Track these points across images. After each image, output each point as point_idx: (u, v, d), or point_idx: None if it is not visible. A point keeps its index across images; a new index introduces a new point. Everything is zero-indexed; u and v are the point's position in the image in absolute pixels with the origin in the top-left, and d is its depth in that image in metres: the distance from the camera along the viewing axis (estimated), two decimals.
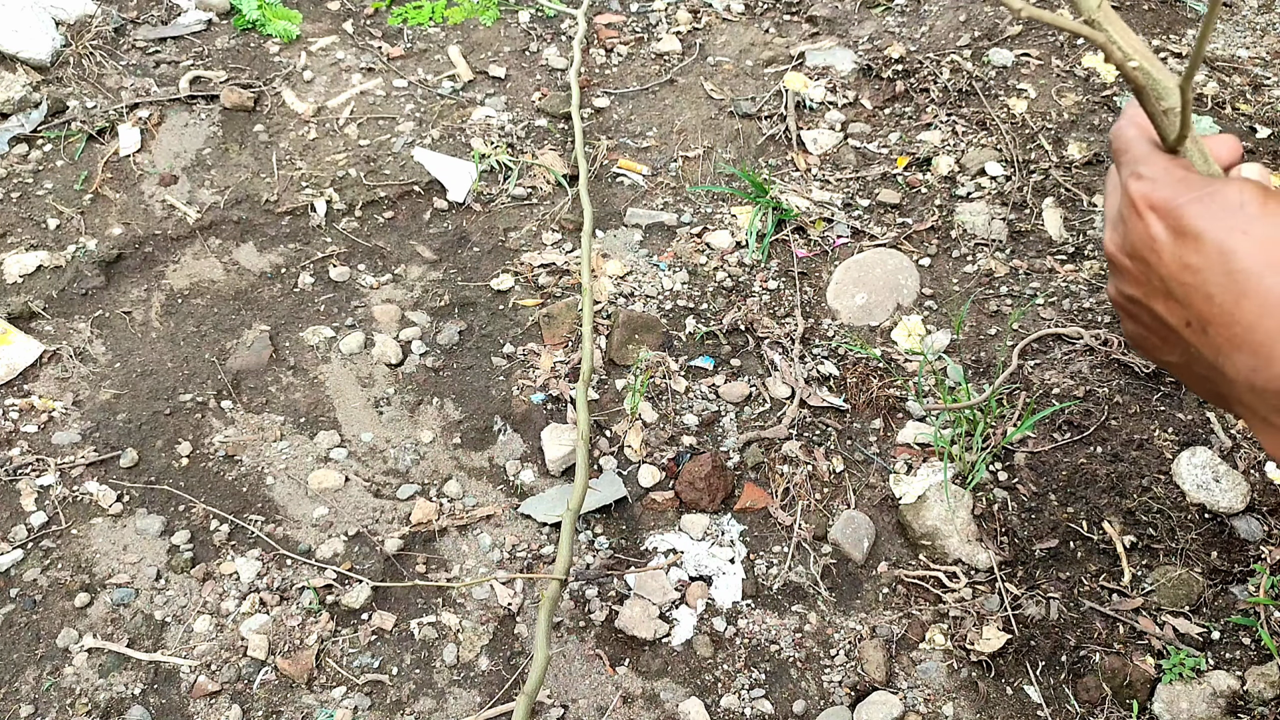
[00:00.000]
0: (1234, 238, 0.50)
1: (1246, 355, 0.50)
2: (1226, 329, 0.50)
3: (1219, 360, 0.52)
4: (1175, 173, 0.55)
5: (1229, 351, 0.50)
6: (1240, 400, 0.52)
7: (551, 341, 2.01)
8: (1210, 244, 0.51)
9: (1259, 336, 0.49)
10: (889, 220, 2.24)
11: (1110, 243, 0.58)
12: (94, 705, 1.52)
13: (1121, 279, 0.57)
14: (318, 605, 1.63)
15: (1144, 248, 0.54)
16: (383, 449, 1.86)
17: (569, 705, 1.53)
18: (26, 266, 2.11)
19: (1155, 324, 0.56)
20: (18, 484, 1.77)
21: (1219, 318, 0.51)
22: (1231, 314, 0.50)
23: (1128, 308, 0.58)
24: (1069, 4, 1.72)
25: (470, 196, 2.30)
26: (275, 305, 2.10)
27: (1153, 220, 0.54)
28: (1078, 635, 1.58)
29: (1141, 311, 0.57)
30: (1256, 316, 0.49)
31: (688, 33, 2.76)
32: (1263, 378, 0.49)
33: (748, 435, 1.85)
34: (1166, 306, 0.54)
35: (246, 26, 2.71)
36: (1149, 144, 0.58)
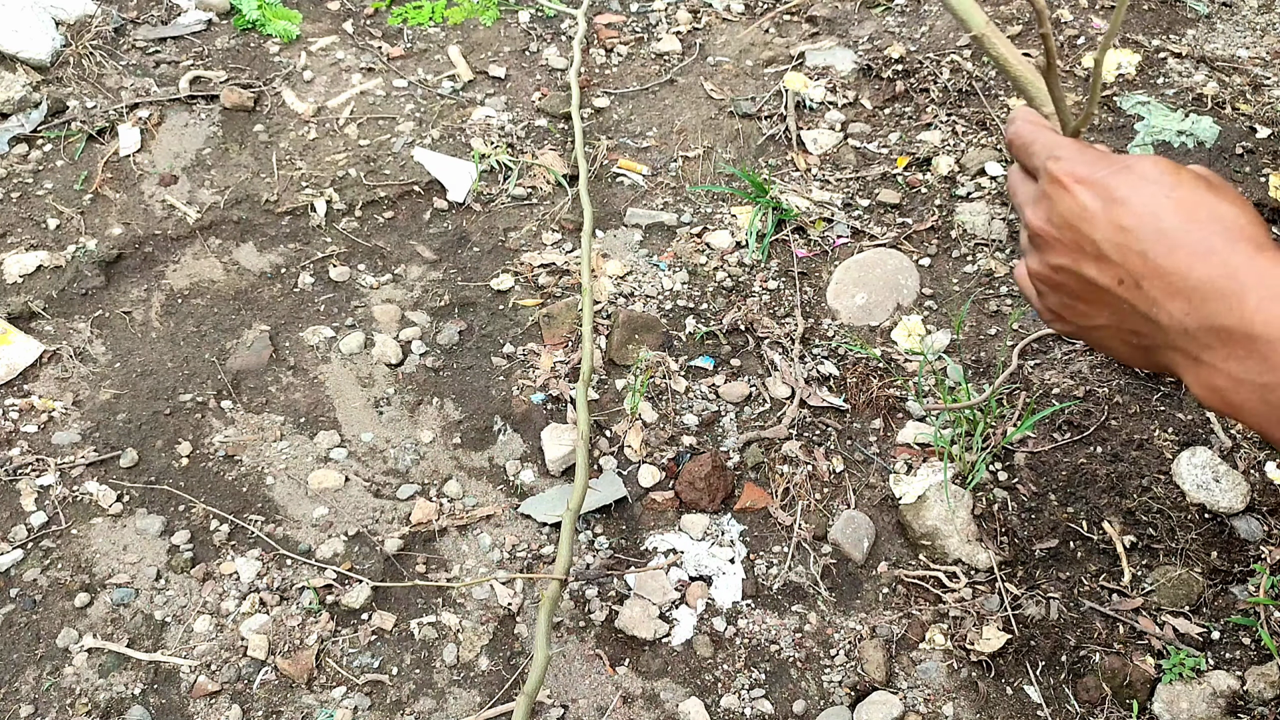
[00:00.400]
0: (1159, 200, 0.58)
1: (1180, 301, 0.56)
2: (1162, 279, 0.57)
3: (1153, 311, 0.58)
4: (1089, 152, 0.63)
5: (1164, 300, 0.57)
6: (1172, 345, 0.58)
7: (551, 341, 2.01)
8: (1139, 207, 0.58)
9: (1192, 282, 0.56)
10: (889, 220, 2.24)
11: (1036, 219, 0.64)
12: (94, 705, 1.52)
13: (1050, 251, 0.63)
14: (318, 605, 1.63)
15: (1075, 217, 0.61)
16: (383, 449, 1.86)
17: (569, 705, 1.54)
18: (26, 266, 2.11)
19: (1085, 289, 0.62)
20: (18, 484, 1.77)
21: (1153, 271, 0.57)
22: (1165, 265, 0.57)
23: (1053, 279, 0.64)
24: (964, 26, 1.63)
25: (470, 196, 2.30)
26: (275, 305, 2.10)
27: (1081, 191, 0.61)
28: (1078, 635, 1.58)
29: (1070, 279, 0.63)
30: (1188, 266, 0.56)
31: (688, 33, 2.76)
32: (1195, 318, 0.56)
33: (748, 435, 1.85)
34: (1099, 268, 0.60)
35: (246, 26, 2.71)
36: (1052, 133, 0.67)
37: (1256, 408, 0.55)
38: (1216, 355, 0.56)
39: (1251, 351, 0.54)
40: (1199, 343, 0.56)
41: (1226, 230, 0.57)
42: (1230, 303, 0.54)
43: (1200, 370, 0.57)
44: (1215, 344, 0.55)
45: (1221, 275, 0.55)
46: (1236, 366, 0.55)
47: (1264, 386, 0.54)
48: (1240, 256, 0.55)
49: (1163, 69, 2.54)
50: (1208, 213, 0.57)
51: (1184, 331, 0.57)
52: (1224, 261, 0.55)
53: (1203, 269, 0.56)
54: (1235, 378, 0.55)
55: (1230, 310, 0.54)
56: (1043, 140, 0.66)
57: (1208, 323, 0.55)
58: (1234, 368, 0.55)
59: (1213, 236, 0.56)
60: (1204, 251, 0.56)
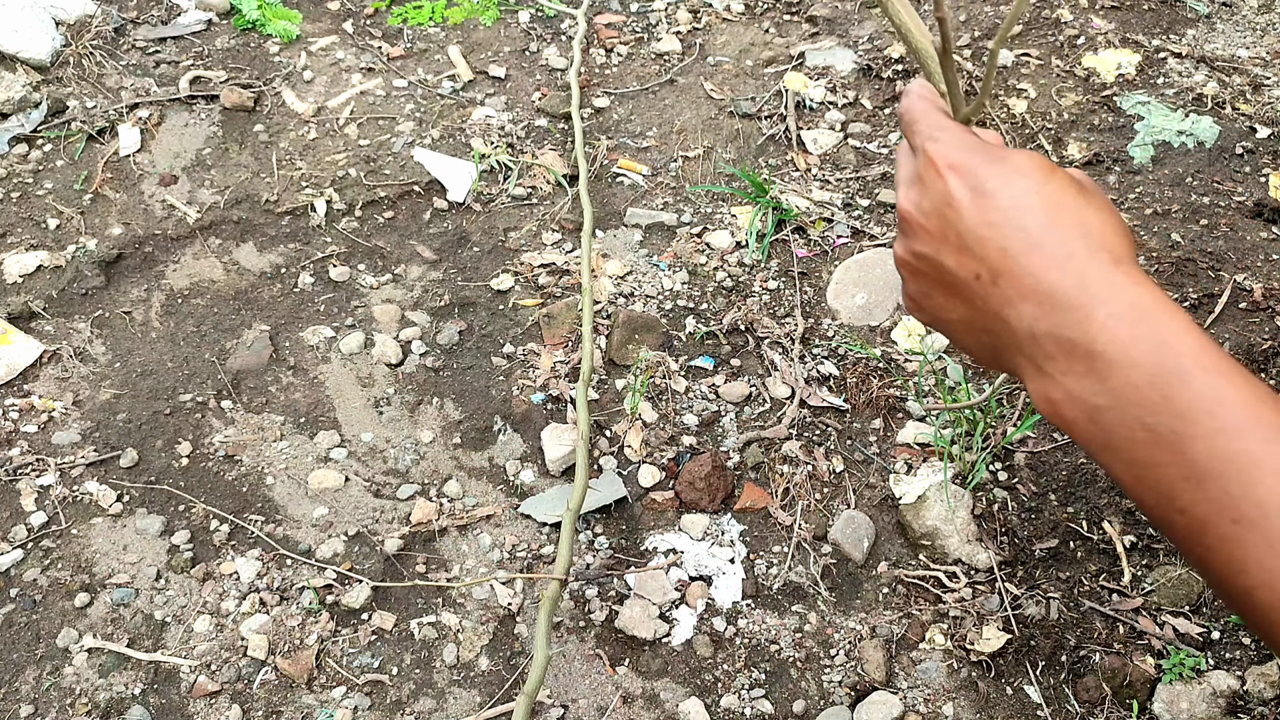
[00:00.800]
0: (1027, 197, 0.56)
1: (1032, 304, 0.55)
2: (1017, 280, 0.55)
3: (1005, 310, 0.56)
4: (969, 139, 0.61)
5: (1017, 301, 0.55)
6: (1020, 349, 0.57)
7: (551, 341, 2.01)
8: (1006, 201, 0.56)
9: (1045, 286, 0.54)
10: (889, 220, 2.24)
11: (906, 201, 0.62)
12: (94, 705, 1.52)
13: (915, 237, 0.61)
14: (318, 605, 1.63)
15: (943, 204, 0.59)
16: (383, 449, 1.86)
17: (569, 705, 1.53)
18: (26, 266, 2.11)
19: (943, 279, 0.60)
20: (18, 484, 1.77)
21: (1011, 269, 0.55)
22: (1023, 265, 0.55)
23: (916, 265, 0.62)
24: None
25: (470, 196, 2.30)
26: (275, 305, 2.10)
27: (952, 179, 0.58)
28: (1078, 635, 1.58)
29: (930, 268, 0.61)
30: (1043, 269, 0.54)
31: (688, 33, 2.76)
32: (1043, 325, 0.54)
33: (748, 435, 1.85)
34: (959, 260, 0.58)
35: (246, 26, 2.71)
36: (940, 114, 0.64)
37: (1085, 428, 0.53)
38: (1057, 366, 0.54)
39: (1090, 369, 0.52)
40: (1043, 351, 0.55)
41: (1088, 236, 0.55)
42: (1078, 315, 0.53)
43: (1040, 380, 0.55)
44: (1058, 355, 0.54)
45: (1074, 285, 0.53)
46: (1073, 382, 0.53)
47: (1094, 408, 0.53)
48: (1096, 268, 0.54)
49: (1163, 69, 2.54)
50: (1073, 217, 0.56)
51: (1031, 336, 0.55)
52: (1079, 270, 0.54)
53: (1056, 274, 0.54)
54: (1070, 393, 0.53)
55: (1076, 323, 0.53)
56: (928, 120, 0.63)
57: (1053, 332, 0.54)
58: (1071, 383, 0.53)
59: (1073, 241, 0.55)
60: (1062, 257, 0.54)
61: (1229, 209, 2.21)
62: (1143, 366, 0.51)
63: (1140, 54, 2.57)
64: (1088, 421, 0.53)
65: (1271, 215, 2.18)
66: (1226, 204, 2.22)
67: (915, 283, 0.62)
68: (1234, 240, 2.14)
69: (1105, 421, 0.52)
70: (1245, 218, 2.19)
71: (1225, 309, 2.01)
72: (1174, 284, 2.06)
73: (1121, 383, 0.52)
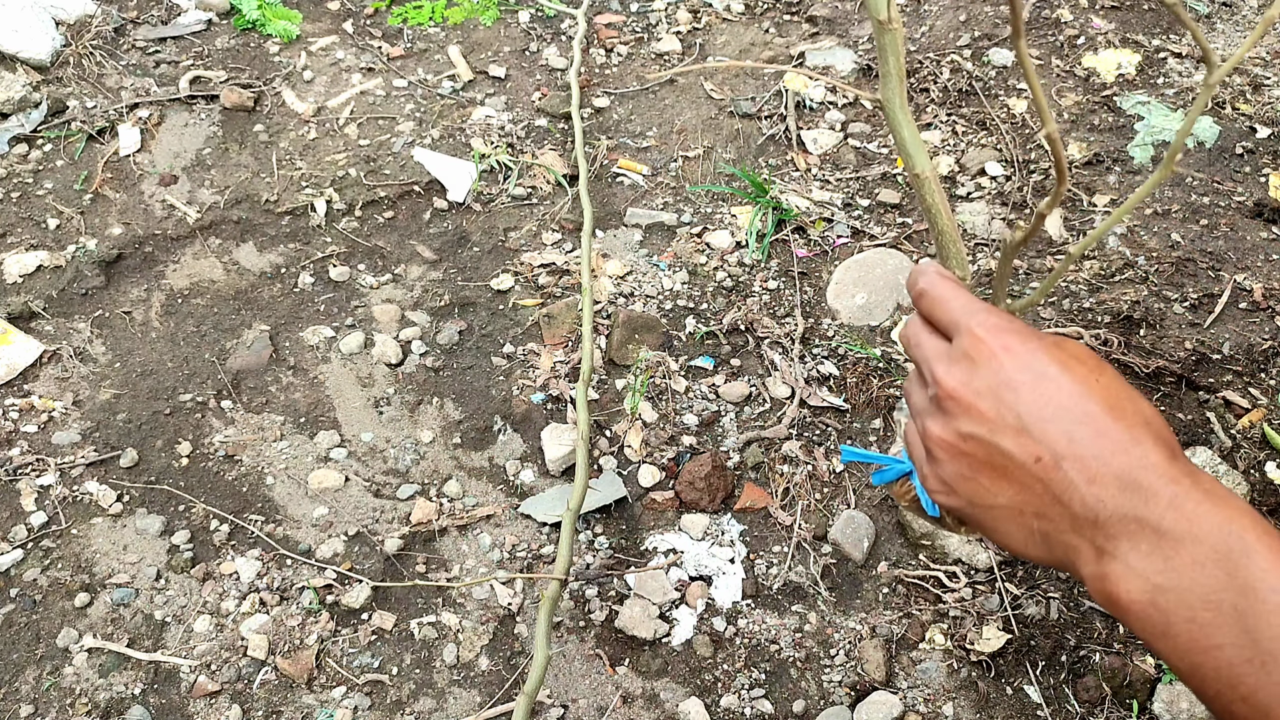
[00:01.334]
0: (1089, 384, 0.57)
1: (1099, 487, 0.55)
2: (1083, 463, 0.56)
3: (1067, 494, 0.56)
4: (1015, 320, 0.61)
5: (1082, 485, 0.56)
6: (1079, 532, 0.57)
7: (551, 341, 2.01)
8: (1069, 387, 0.57)
9: (1113, 470, 0.55)
10: (889, 220, 2.24)
11: (953, 380, 0.61)
12: (94, 705, 1.52)
13: (961, 418, 0.60)
14: (318, 605, 1.63)
15: (1001, 386, 0.59)
16: (383, 449, 1.86)
17: (569, 705, 1.53)
18: (26, 266, 2.11)
19: (994, 462, 0.60)
20: (18, 484, 1.77)
21: (1077, 454, 0.56)
22: (1089, 451, 0.56)
23: (959, 447, 0.61)
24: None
25: (470, 196, 2.30)
26: (275, 305, 2.10)
27: (1008, 360, 0.59)
28: (1078, 635, 1.58)
29: (980, 450, 0.60)
30: (1110, 453, 0.55)
31: (688, 33, 2.76)
32: (1110, 508, 0.55)
33: (748, 435, 1.85)
34: (1018, 442, 0.58)
35: (246, 26, 2.71)
36: (971, 294, 0.64)
37: (1144, 610, 0.53)
38: (1120, 547, 0.54)
39: (1155, 547, 0.53)
40: (1106, 533, 0.55)
41: (1148, 425, 0.57)
42: (1145, 496, 0.54)
43: (1100, 562, 0.55)
44: (1122, 535, 0.54)
45: (1142, 467, 0.55)
46: (1137, 560, 0.53)
47: (1156, 587, 0.53)
48: (1159, 454, 0.55)
49: (1163, 69, 2.54)
50: (1133, 407, 0.57)
51: (1094, 520, 0.55)
52: (1144, 455, 0.55)
53: (1123, 459, 0.55)
54: (1134, 571, 0.54)
55: (1145, 503, 0.54)
56: (964, 298, 0.63)
57: (1120, 512, 0.54)
58: (1134, 561, 0.54)
59: (1136, 429, 0.56)
60: (1128, 442, 0.55)
61: (1229, 209, 2.21)
62: (1207, 543, 0.51)
63: (1140, 54, 2.57)
64: (1148, 603, 0.53)
65: (1271, 215, 2.18)
66: (1226, 204, 2.22)
67: (957, 464, 0.61)
68: (1234, 240, 2.14)
69: (1166, 603, 0.52)
70: (1245, 218, 2.19)
71: (1225, 309, 2.01)
72: (1174, 284, 2.06)
73: (1187, 560, 0.52)
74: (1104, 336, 1.93)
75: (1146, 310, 2.00)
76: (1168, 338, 1.96)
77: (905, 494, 0.75)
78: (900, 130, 0.74)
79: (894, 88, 0.73)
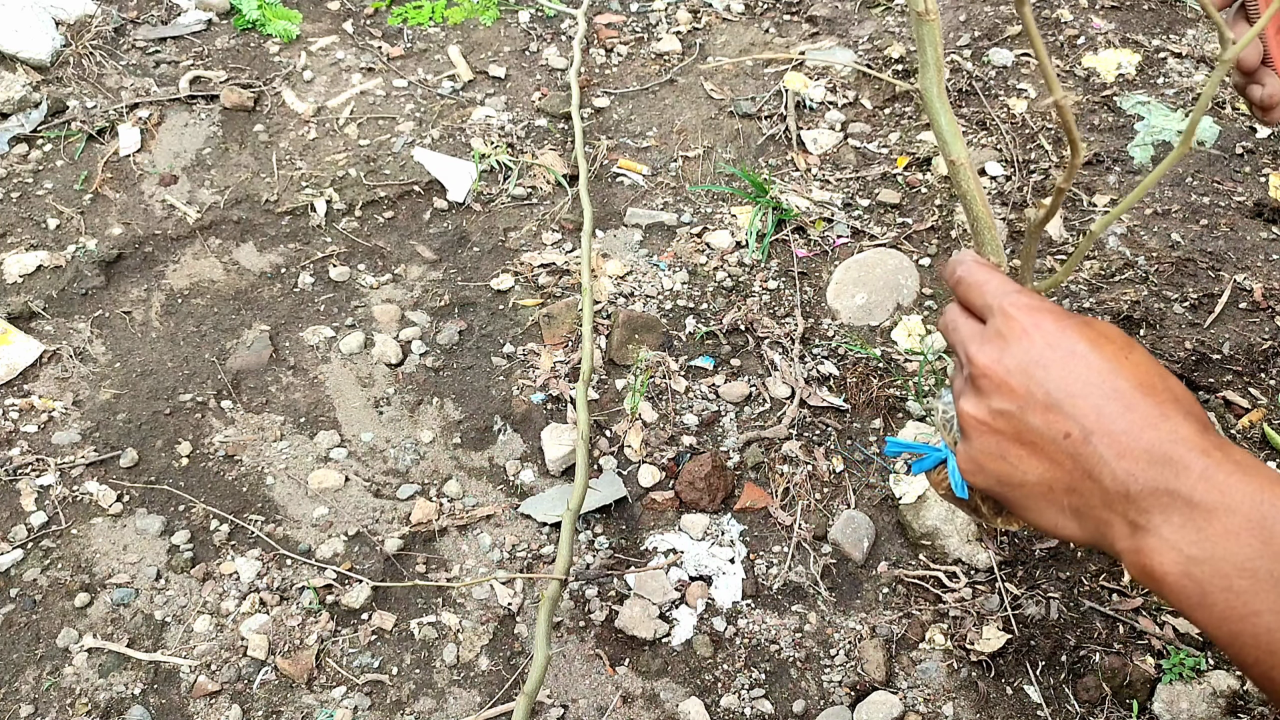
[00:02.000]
0: (1119, 360, 0.58)
1: (1129, 461, 0.56)
2: (1113, 438, 0.56)
3: (1097, 468, 0.57)
4: (1046, 300, 0.62)
5: (1112, 459, 0.56)
6: (1111, 506, 0.57)
7: (551, 341, 2.01)
8: (1099, 363, 0.58)
9: (1143, 444, 0.55)
10: (889, 220, 2.24)
11: (985, 358, 0.62)
12: (94, 705, 1.52)
13: (994, 394, 0.61)
14: (318, 605, 1.63)
15: (1031, 362, 0.60)
16: (383, 449, 1.86)
17: (569, 705, 1.54)
18: (26, 266, 2.11)
19: (1024, 438, 0.60)
20: (18, 484, 1.77)
21: (1106, 429, 0.57)
22: (1119, 425, 0.56)
23: (992, 424, 0.62)
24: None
25: (470, 196, 2.30)
26: (275, 305, 2.10)
27: (1039, 337, 0.60)
28: (1078, 635, 1.58)
29: (1010, 426, 0.61)
30: (1139, 428, 0.56)
31: (688, 32, 2.76)
32: (1140, 481, 0.55)
33: (748, 435, 1.85)
34: (1046, 418, 0.59)
35: (246, 26, 2.71)
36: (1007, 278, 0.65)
37: (1179, 582, 0.54)
38: (1153, 519, 0.55)
39: (1188, 519, 0.53)
40: (1138, 507, 0.55)
41: (1178, 401, 0.57)
42: (1176, 469, 0.54)
43: (1134, 536, 0.56)
44: (1154, 508, 0.55)
45: (1170, 442, 0.55)
46: (1170, 533, 0.54)
47: (1190, 559, 0.53)
48: (1189, 429, 0.56)
49: (1163, 69, 2.54)
50: (1161, 382, 0.58)
51: (1125, 494, 0.56)
52: (1174, 429, 0.55)
53: (1153, 433, 0.56)
54: (1167, 543, 0.54)
55: (1175, 475, 0.54)
56: (997, 282, 0.65)
57: (1152, 485, 0.55)
58: (1168, 533, 0.54)
59: (1166, 404, 0.57)
60: (1157, 417, 0.56)
61: (1229, 209, 2.21)
62: (1240, 513, 0.52)
63: (1140, 54, 2.57)
64: (1182, 575, 0.53)
65: (1271, 215, 2.18)
66: (1226, 204, 2.22)
67: (987, 440, 0.62)
68: (1234, 240, 2.14)
69: (1201, 573, 0.52)
70: (1245, 218, 2.19)
71: (1225, 309, 2.01)
72: (1174, 284, 2.06)
73: (1220, 530, 0.52)
74: None
75: (1146, 310, 2.00)
76: (1168, 338, 1.96)
77: (940, 481, 0.75)
78: (938, 118, 0.76)
79: (932, 77, 0.75)
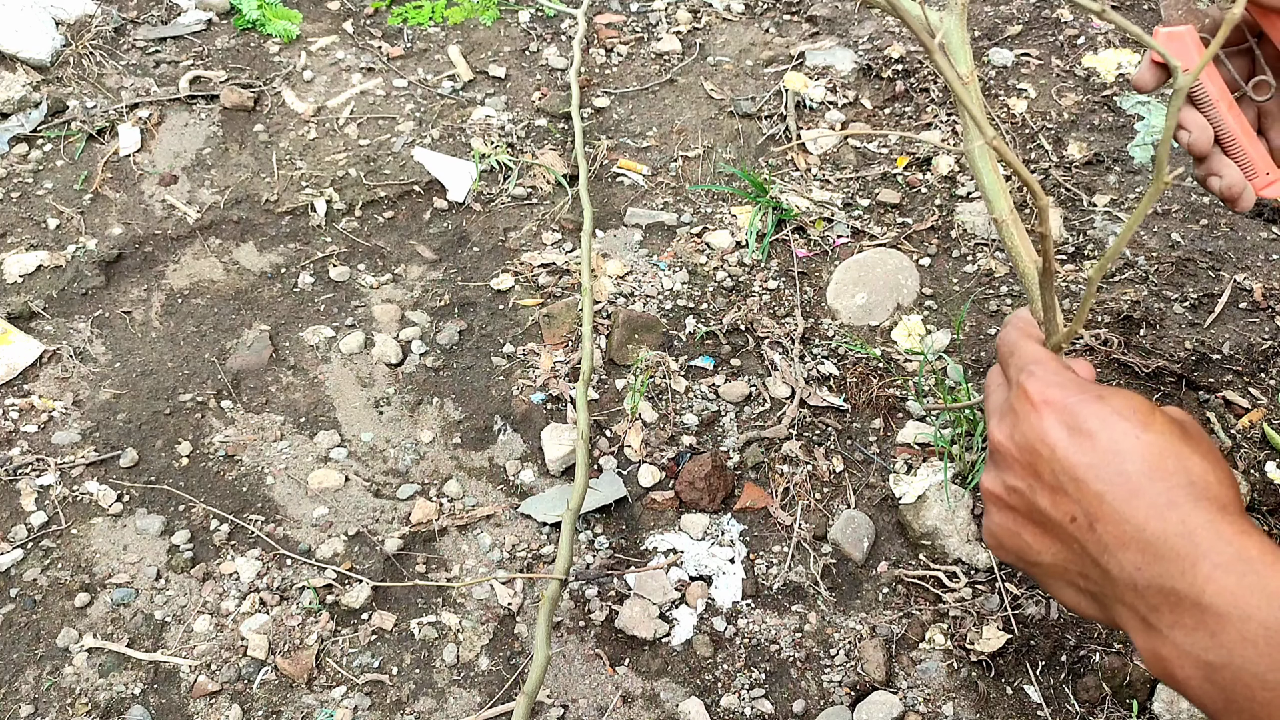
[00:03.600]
0: (1127, 441, 0.54)
1: (1133, 553, 0.52)
2: (1116, 526, 0.53)
3: (1103, 558, 0.54)
4: (1065, 375, 0.60)
5: (1116, 549, 0.53)
6: (1121, 600, 0.54)
7: (551, 341, 2.01)
8: (1105, 444, 0.55)
9: (1147, 535, 0.52)
10: (889, 220, 2.24)
11: (999, 433, 0.60)
12: (94, 705, 1.52)
13: (1007, 470, 0.59)
14: (318, 605, 1.63)
15: (1037, 441, 0.57)
16: (383, 449, 1.86)
17: (569, 705, 1.54)
18: (26, 266, 2.11)
19: (1034, 518, 0.58)
20: (18, 484, 1.77)
21: (1109, 515, 0.53)
22: (1122, 512, 0.53)
23: (1007, 499, 0.60)
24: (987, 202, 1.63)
25: (470, 196, 2.30)
26: (275, 305, 2.10)
27: (1048, 415, 0.57)
28: (1078, 635, 1.58)
29: (1021, 504, 0.59)
30: (1144, 517, 0.52)
31: (688, 32, 2.76)
32: (1146, 575, 0.52)
33: (748, 435, 1.85)
34: (1053, 500, 0.56)
35: (246, 26, 2.71)
36: (1036, 345, 0.63)
37: (1201, 686, 0.50)
38: (1164, 620, 0.51)
39: (1200, 623, 0.50)
40: (1147, 602, 0.52)
41: (1192, 485, 0.53)
42: (1182, 565, 0.50)
43: (1148, 635, 0.53)
44: (1163, 607, 0.51)
45: (1178, 534, 0.51)
46: (1183, 637, 0.50)
47: (1209, 665, 0.49)
48: (1200, 517, 0.51)
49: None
50: (1175, 464, 0.54)
51: (1133, 587, 0.53)
52: (1183, 519, 0.51)
53: (1158, 524, 0.52)
54: (1182, 649, 0.51)
55: (1182, 574, 0.50)
56: (1023, 350, 0.62)
57: (1156, 583, 0.51)
58: (1180, 637, 0.51)
59: (1176, 490, 0.52)
60: (1164, 505, 0.52)
61: (1229, 209, 2.21)
62: (1256, 620, 0.48)
63: (1140, 54, 2.57)
64: (1204, 680, 0.50)
65: (1271, 215, 2.18)
66: None
67: (1003, 516, 0.60)
68: (1234, 240, 2.14)
69: (1222, 680, 0.49)
70: (1245, 218, 2.19)
71: (1225, 309, 2.01)
72: (1174, 284, 2.06)
73: (1236, 638, 0.49)
74: (1104, 336, 1.93)
75: (1146, 310, 2.00)
76: (1168, 338, 1.96)
77: None
78: (983, 178, 0.76)
79: (974, 138, 0.76)
